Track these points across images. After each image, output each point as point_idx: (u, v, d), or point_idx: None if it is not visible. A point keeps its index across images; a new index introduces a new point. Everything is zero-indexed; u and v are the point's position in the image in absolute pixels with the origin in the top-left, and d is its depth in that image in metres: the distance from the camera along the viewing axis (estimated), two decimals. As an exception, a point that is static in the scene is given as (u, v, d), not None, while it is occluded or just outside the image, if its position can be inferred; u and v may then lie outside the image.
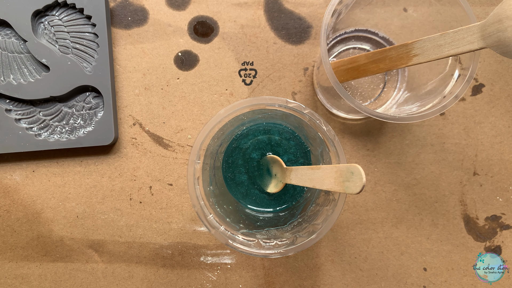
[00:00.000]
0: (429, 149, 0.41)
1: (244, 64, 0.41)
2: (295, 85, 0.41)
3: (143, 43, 0.41)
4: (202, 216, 0.29)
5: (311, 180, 0.28)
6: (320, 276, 0.40)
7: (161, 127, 0.41)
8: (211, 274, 0.41)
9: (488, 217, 0.41)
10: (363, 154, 0.41)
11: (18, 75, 0.40)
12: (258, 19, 0.41)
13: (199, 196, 0.29)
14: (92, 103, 0.41)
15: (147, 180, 0.41)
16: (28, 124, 0.41)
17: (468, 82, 0.30)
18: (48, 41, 0.40)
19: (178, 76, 0.41)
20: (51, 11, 0.40)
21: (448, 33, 0.28)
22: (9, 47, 0.40)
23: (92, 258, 0.41)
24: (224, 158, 0.35)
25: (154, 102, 0.41)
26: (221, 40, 0.41)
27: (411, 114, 0.32)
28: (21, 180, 0.42)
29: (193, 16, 0.41)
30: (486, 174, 0.41)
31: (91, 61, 0.40)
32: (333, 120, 0.41)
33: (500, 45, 0.25)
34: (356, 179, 0.23)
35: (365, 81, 0.41)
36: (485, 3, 0.41)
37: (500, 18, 0.25)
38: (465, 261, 0.40)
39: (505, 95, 0.40)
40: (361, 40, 0.41)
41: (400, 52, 0.32)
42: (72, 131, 0.41)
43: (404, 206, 0.41)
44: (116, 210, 0.41)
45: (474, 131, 0.40)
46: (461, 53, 0.28)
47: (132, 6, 0.41)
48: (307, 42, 0.41)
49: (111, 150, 0.41)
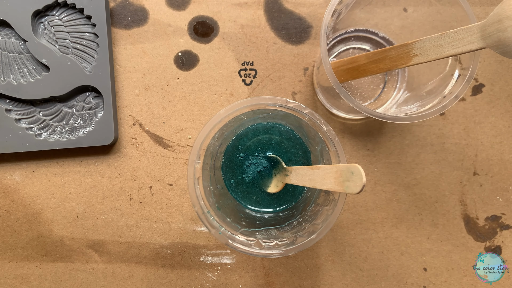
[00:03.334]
0: (429, 149, 0.41)
1: (244, 64, 0.41)
2: (295, 85, 0.41)
3: (143, 43, 0.41)
4: (202, 216, 0.29)
5: (311, 180, 0.28)
6: (320, 276, 0.40)
7: (161, 127, 0.41)
8: (211, 274, 0.41)
9: (488, 217, 0.41)
10: (363, 154, 0.41)
11: (18, 75, 0.40)
12: (258, 19, 0.41)
13: (199, 196, 0.29)
14: (92, 103, 0.41)
15: (147, 180, 0.41)
16: (28, 124, 0.41)
17: (468, 82, 0.30)
18: (48, 41, 0.40)
19: (178, 76, 0.41)
20: (51, 11, 0.40)
21: (448, 33, 0.28)
22: (9, 47, 0.40)
23: (92, 258, 0.41)
24: (224, 158, 0.35)
25: (154, 102, 0.41)
26: (221, 40, 0.41)
27: (411, 114, 0.32)
28: (21, 180, 0.42)
29: (193, 16, 0.41)
30: (486, 174, 0.41)
31: (91, 61, 0.40)
32: (333, 120, 0.41)
33: (500, 45, 0.25)
34: (356, 179, 0.23)
35: (365, 81, 0.41)
36: (485, 3, 0.41)
37: (500, 18, 0.25)
38: (465, 261, 0.40)
39: (505, 95, 0.40)
40: (361, 40, 0.41)
41: (400, 52, 0.32)
42: (72, 131, 0.41)
43: (404, 206, 0.41)
44: (116, 210, 0.41)
45: (474, 131, 0.40)
46: (461, 53, 0.28)
47: (132, 6, 0.41)
48: (307, 42, 0.41)
49: (111, 150, 0.41)
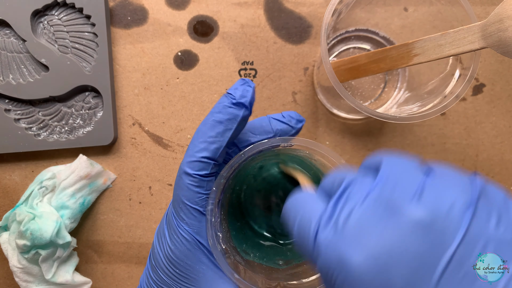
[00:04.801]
0: (430, 149, 0.40)
1: (244, 64, 0.41)
2: (295, 85, 0.41)
3: (142, 42, 0.41)
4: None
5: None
6: (320, 276, 0.40)
7: (161, 127, 0.41)
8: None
9: (489, 217, 0.40)
10: (363, 154, 0.40)
11: (17, 75, 0.40)
12: (258, 19, 0.41)
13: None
14: (92, 103, 0.41)
15: (146, 180, 0.41)
16: (27, 124, 0.40)
17: (469, 82, 0.30)
18: (47, 41, 0.40)
19: (178, 76, 0.41)
20: (50, 11, 0.40)
21: (449, 32, 0.28)
22: (8, 47, 0.40)
23: (91, 259, 0.41)
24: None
25: (153, 102, 0.41)
26: (221, 40, 0.41)
27: (411, 114, 0.32)
28: (20, 180, 0.42)
29: (193, 16, 0.41)
30: (487, 174, 0.40)
31: (91, 60, 0.40)
32: (334, 120, 0.41)
33: (501, 45, 0.25)
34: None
35: (366, 81, 0.40)
36: (485, 3, 0.40)
37: (501, 18, 0.25)
38: (466, 262, 0.40)
39: (506, 95, 0.40)
40: (361, 39, 0.41)
41: (400, 51, 0.32)
42: (71, 131, 0.40)
43: (405, 206, 0.40)
44: (116, 211, 0.41)
45: (475, 131, 0.40)
46: (462, 53, 0.28)
47: (131, 5, 0.41)
48: (307, 41, 0.41)
49: (111, 150, 0.41)
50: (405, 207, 0.14)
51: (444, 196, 0.15)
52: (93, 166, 0.39)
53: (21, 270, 0.36)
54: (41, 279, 0.37)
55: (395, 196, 0.15)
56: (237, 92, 0.23)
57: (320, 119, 0.41)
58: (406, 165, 0.17)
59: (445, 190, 0.15)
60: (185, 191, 0.23)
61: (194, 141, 0.23)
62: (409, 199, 0.15)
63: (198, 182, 0.23)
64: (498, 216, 0.14)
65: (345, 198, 0.16)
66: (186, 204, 0.23)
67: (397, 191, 0.15)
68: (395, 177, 0.16)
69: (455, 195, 0.15)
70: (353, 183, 0.17)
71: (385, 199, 0.15)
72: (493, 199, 0.15)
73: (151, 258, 0.25)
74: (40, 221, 0.35)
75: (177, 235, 0.23)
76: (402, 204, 0.15)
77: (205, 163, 0.22)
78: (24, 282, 0.37)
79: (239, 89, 0.23)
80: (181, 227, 0.23)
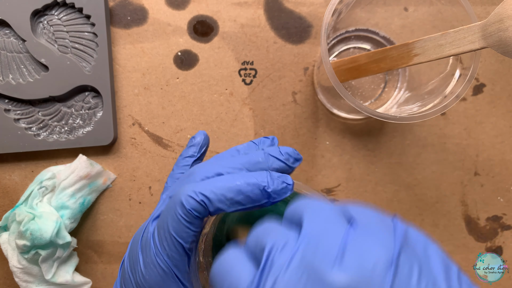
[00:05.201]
0: (430, 149, 0.40)
1: (244, 64, 0.41)
2: (295, 84, 0.41)
3: (142, 42, 0.41)
4: None
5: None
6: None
7: (161, 127, 0.41)
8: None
9: (489, 217, 0.40)
10: (363, 154, 0.40)
11: (17, 75, 0.40)
12: (258, 19, 0.41)
13: None
14: (91, 103, 0.41)
15: (146, 180, 0.41)
16: (27, 124, 0.40)
17: (469, 82, 0.30)
18: (47, 41, 0.40)
19: (178, 75, 0.41)
20: (50, 11, 0.40)
21: (449, 32, 0.28)
22: (8, 47, 0.40)
23: (91, 259, 0.41)
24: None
25: (153, 102, 0.41)
26: (221, 40, 0.41)
27: (412, 114, 0.32)
28: (20, 181, 0.41)
29: (193, 16, 0.41)
30: (487, 174, 0.40)
31: (90, 60, 0.40)
32: (334, 120, 0.41)
33: (501, 45, 0.25)
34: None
35: (366, 81, 0.40)
36: (486, 3, 0.40)
37: (501, 18, 0.25)
38: (466, 262, 0.40)
39: (506, 95, 0.40)
40: (361, 39, 0.40)
41: (400, 51, 0.31)
42: (71, 131, 0.40)
43: (405, 206, 0.40)
44: (115, 211, 0.41)
45: (475, 131, 0.40)
46: (462, 53, 0.28)
47: (131, 5, 0.41)
48: (307, 41, 0.41)
49: (110, 150, 0.41)
50: (328, 273, 0.14)
51: (366, 255, 0.14)
52: (93, 166, 0.39)
53: (21, 271, 0.36)
54: (41, 279, 0.37)
55: (317, 259, 0.15)
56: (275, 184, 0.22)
57: (320, 119, 0.41)
58: (328, 217, 0.17)
59: (367, 247, 0.15)
60: (175, 222, 0.22)
61: (201, 172, 0.23)
62: (331, 263, 0.14)
63: (190, 219, 0.22)
64: (419, 270, 0.14)
65: (269, 264, 0.16)
66: (172, 236, 0.22)
67: (319, 253, 0.15)
68: (317, 234, 0.16)
69: (377, 251, 0.15)
70: (276, 245, 0.16)
71: (308, 264, 0.15)
72: (415, 248, 0.15)
73: (122, 283, 0.25)
74: (40, 221, 0.35)
75: (154, 263, 0.23)
76: (324, 270, 0.14)
77: (203, 207, 0.22)
78: (24, 283, 0.37)
79: (276, 181, 0.22)
80: (160, 257, 0.22)
